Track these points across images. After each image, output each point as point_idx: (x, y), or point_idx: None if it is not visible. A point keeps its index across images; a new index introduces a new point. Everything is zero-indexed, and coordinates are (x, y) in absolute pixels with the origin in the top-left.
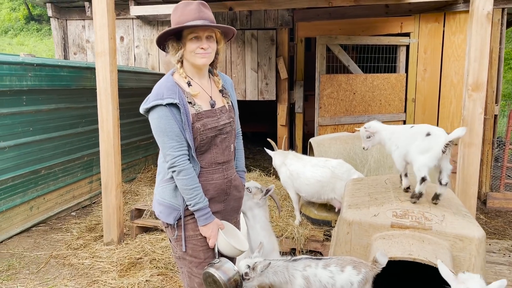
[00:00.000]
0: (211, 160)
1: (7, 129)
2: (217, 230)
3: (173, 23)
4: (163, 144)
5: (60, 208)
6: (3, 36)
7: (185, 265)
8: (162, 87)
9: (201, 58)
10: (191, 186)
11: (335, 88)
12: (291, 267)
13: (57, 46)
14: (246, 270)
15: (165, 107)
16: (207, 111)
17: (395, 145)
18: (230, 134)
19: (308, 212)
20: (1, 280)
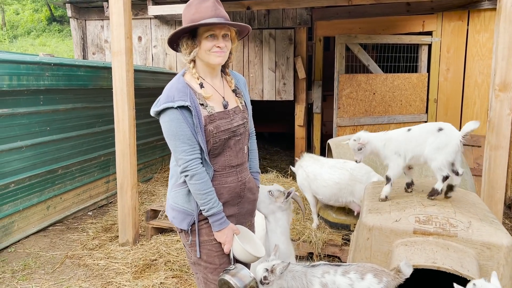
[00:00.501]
0: (225, 163)
1: (25, 129)
2: (232, 236)
3: (187, 21)
4: (175, 148)
5: (77, 207)
6: (26, 37)
7: (200, 271)
8: (173, 89)
9: (217, 57)
10: (205, 191)
11: (354, 88)
12: (310, 273)
13: (76, 46)
14: (264, 274)
15: (176, 109)
16: (219, 113)
17: (395, 152)
18: (243, 135)
19: (326, 215)
20: (16, 280)
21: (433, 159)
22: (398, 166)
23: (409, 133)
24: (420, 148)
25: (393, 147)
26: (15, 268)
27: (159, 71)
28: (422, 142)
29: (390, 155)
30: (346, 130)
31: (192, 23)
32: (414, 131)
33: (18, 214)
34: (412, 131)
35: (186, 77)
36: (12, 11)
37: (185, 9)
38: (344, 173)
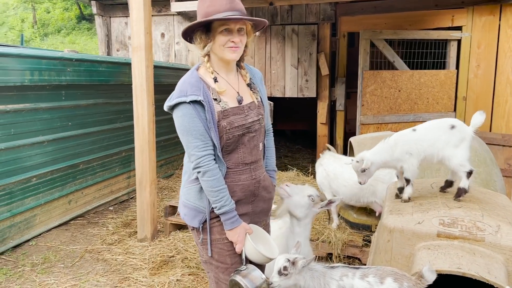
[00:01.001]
0: (238, 161)
1: (46, 124)
2: (245, 235)
3: (201, 14)
4: (188, 143)
5: (98, 202)
6: (56, 35)
7: (212, 270)
8: (186, 83)
9: (231, 53)
10: (217, 188)
11: (379, 85)
12: (328, 274)
13: (101, 43)
14: (285, 264)
15: (189, 104)
16: (234, 108)
17: (406, 152)
18: (258, 132)
19: (346, 215)
20: (36, 273)
21: (453, 156)
22: (413, 165)
23: (417, 134)
24: (433, 147)
25: (403, 147)
26: (35, 261)
27: (181, 68)
28: (435, 141)
29: (402, 156)
30: (370, 128)
31: (206, 16)
32: (422, 131)
33: (40, 208)
34: (419, 131)
35: (200, 71)
36: (43, 10)
37: (200, 2)
38: None
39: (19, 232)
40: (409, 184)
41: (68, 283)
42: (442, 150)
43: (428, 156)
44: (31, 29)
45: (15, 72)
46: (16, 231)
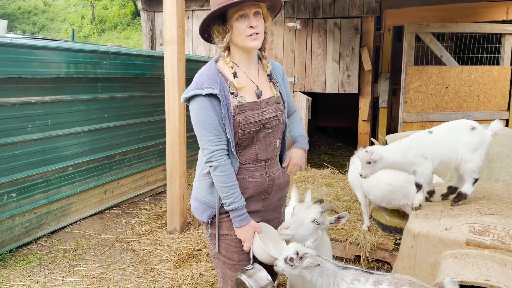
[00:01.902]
0: (252, 157)
1: (83, 115)
2: (253, 233)
3: (215, 5)
4: (201, 137)
5: (133, 193)
6: (112, 31)
7: (219, 265)
8: (203, 75)
9: (252, 41)
10: (227, 184)
11: (424, 81)
12: (340, 275)
13: (145, 38)
14: (293, 256)
15: (205, 97)
16: (251, 103)
17: (421, 155)
18: (276, 129)
19: (379, 217)
20: (67, 259)
21: (469, 160)
22: (427, 169)
23: (434, 136)
24: (452, 151)
25: (417, 150)
26: (68, 247)
27: None
28: (454, 144)
29: (415, 160)
30: (413, 126)
31: (220, 4)
32: (440, 133)
33: (76, 196)
34: (436, 133)
35: (219, 63)
36: (101, 6)
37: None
38: (398, 174)
39: (55, 218)
40: (420, 190)
41: (96, 270)
42: (461, 153)
43: (445, 160)
44: (89, 25)
45: (52, 65)
46: (52, 217)
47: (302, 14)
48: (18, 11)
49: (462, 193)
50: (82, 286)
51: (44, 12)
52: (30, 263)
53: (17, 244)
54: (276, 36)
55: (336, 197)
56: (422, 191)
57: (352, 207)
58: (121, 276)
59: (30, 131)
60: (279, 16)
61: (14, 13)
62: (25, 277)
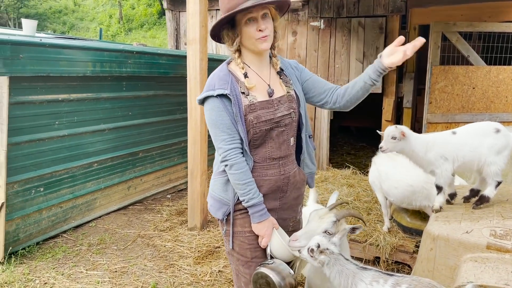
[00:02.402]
0: (266, 155)
1: (107, 113)
2: (272, 229)
3: (223, 11)
4: (215, 136)
5: (156, 190)
6: (139, 30)
7: (233, 262)
8: (215, 77)
9: (262, 43)
10: (244, 181)
11: (450, 81)
12: (359, 275)
13: (170, 37)
14: (314, 247)
15: (216, 98)
16: (262, 102)
17: (441, 156)
18: (289, 127)
19: (399, 218)
20: (91, 253)
21: (492, 163)
22: (446, 171)
23: (458, 137)
24: (475, 153)
25: (439, 150)
26: (92, 241)
27: None
28: (478, 146)
29: (436, 160)
30: (438, 127)
31: (229, 11)
32: (463, 134)
33: (100, 192)
34: (460, 135)
35: (231, 65)
36: (128, 6)
37: (220, 1)
38: (419, 175)
39: (80, 213)
40: (440, 192)
41: (118, 264)
42: (484, 156)
43: (467, 162)
44: (117, 24)
45: (79, 63)
46: (77, 212)
47: (326, 13)
48: (49, 11)
49: (485, 196)
50: (105, 279)
51: (74, 11)
52: (55, 255)
53: (43, 237)
54: (300, 36)
55: (356, 197)
56: (442, 193)
57: (373, 208)
58: (142, 271)
59: (57, 128)
60: (303, 15)
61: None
62: (50, 269)
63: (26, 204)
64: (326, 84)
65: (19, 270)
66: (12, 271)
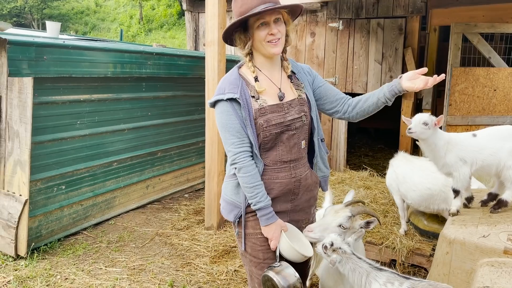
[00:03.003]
0: (276, 158)
1: (127, 113)
2: (280, 232)
3: (236, 14)
4: (225, 140)
5: (174, 189)
6: (159, 30)
7: (246, 263)
8: (226, 81)
9: (273, 47)
10: (252, 184)
11: (470, 83)
12: (372, 275)
13: (189, 38)
14: (327, 245)
15: (226, 102)
16: (272, 106)
17: (460, 159)
18: (300, 130)
19: (416, 221)
20: (110, 250)
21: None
22: (464, 175)
23: (478, 140)
24: (495, 157)
25: (458, 152)
26: (111, 239)
27: None
28: (498, 149)
29: (454, 163)
30: (457, 130)
31: (241, 14)
32: (484, 138)
33: (119, 191)
34: (480, 138)
35: (242, 69)
36: (149, 7)
37: (233, 4)
38: (437, 178)
39: (100, 211)
40: (458, 196)
41: (136, 262)
42: (504, 160)
43: (486, 166)
44: (137, 25)
45: (100, 65)
46: (97, 210)
47: (345, 14)
48: (71, 11)
49: (503, 200)
50: (123, 276)
51: (96, 12)
52: (76, 252)
53: (65, 233)
54: (318, 37)
55: (373, 199)
56: (460, 197)
57: (390, 211)
58: (160, 269)
59: (79, 128)
60: (321, 16)
61: (68, 13)
62: (71, 265)
63: (49, 202)
64: (338, 93)
65: (41, 265)
66: (34, 266)
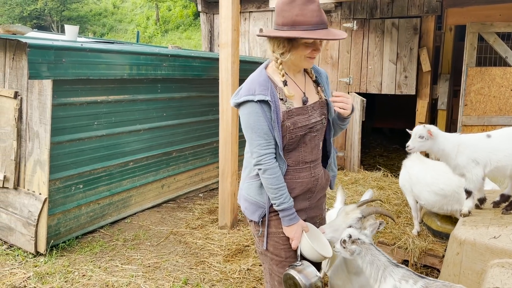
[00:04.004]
0: (299, 159)
1: (143, 114)
2: (301, 232)
3: (287, 19)
4: (251, 140)
5: (189, 188)
6: (175, 31)
7: (267, 261)
8: (255, 82)
9: (309, 63)
10: (276, 186)
11: (487, 83)
12: (389, 269)
13: (204, 39)
14: (346, 238)
15: (256, 103)
16: (298, 109)
17: (473, 160)
18: (320, 131)
19: (429, 222)
20: (126, 248)
21: None
22: (477, 176)
23: (492, 141)
24: (509, 158)
25: (471, 154)
26: (127, 237)
27: None
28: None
29: (466, 164)
30: (473, 130)
31: (293, 24)
32: (498, 139)
33: (135, 190)
34: (495, 139)
35: (269, 70)
36: (165, 8)
37: (287, 5)
38: (451, 179)
39: (116, 210)
40: (470, 197)
41: (151, 260)
42: None
43: (500, 167)
44: (154, 26)
45: (116, 67)
46: (114, 209)
47: (359, 15)
48: (89, 13)
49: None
50: (138, 273)
51: (113, 14)
52: (93, 249)
53: (82, 231)
54: None
55: (386, 200)
56: (472, 198)
57: (403, 211)
58: (174, 267)
59: (96, 128)
60: (336, 16)
61: (86, 15)
62: (89, 262)
63: (67, 200)
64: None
65: (60, 262)
66: (53, 263)
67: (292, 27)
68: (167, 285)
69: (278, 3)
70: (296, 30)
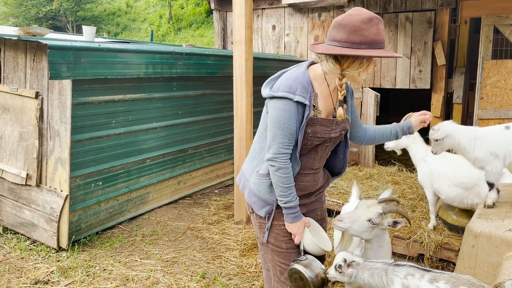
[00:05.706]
0: (307, 165)
1: (159, 112)
2: (303, 228)
3: (367, 38)
4: (275, 136)
5: (204, 185)
6: (187, 29)
7: (268, 252)
8: (298, 81)
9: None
10: (287, 185)
11: (503, 76)
12: (391, 271)
13: (217, 37)
14: (341, 263)
15: (293, 103)
16: (323, 119)
17: (491, 153)
18: (333, 142)
19: (445, 216)
20: (144, 243)
21: None
22: (497, 168)
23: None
24: None
25: (488, 147)
26: (145, 233)
27: (289, 59)
28: None
29: (485, 157)
30: (490, 124)
31: (371, 43)
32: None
33: (152, 186)
34: None
35: (311, 73)
36: (178, 6)
37: (366, 24)
38: (472, 172)
39: (135, 206)
40: (493, 189)
41: (169, 255)
42: None
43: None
44: (167, 24)
45: (133, 66)
46: (132, 205)
47: (372, 9)
48: (104, 13)
49: None
50: (157, 268)
51: (127, 13)
52: (113, 244)
53: (102, 227)
54: None
55: (401, 195)
56: (495, 189)
57: (418, 206)
58: (191, 261)
59: (114, 126)
60: None
61: (100, 15)
62: (109, 257)
63: (87, 197)
64: (359, 119)
65: (81, 257)
66: (75, 258)
67: (371, 45)
68: (185, 279)
69: (353, 22)
70: (374, 48)
